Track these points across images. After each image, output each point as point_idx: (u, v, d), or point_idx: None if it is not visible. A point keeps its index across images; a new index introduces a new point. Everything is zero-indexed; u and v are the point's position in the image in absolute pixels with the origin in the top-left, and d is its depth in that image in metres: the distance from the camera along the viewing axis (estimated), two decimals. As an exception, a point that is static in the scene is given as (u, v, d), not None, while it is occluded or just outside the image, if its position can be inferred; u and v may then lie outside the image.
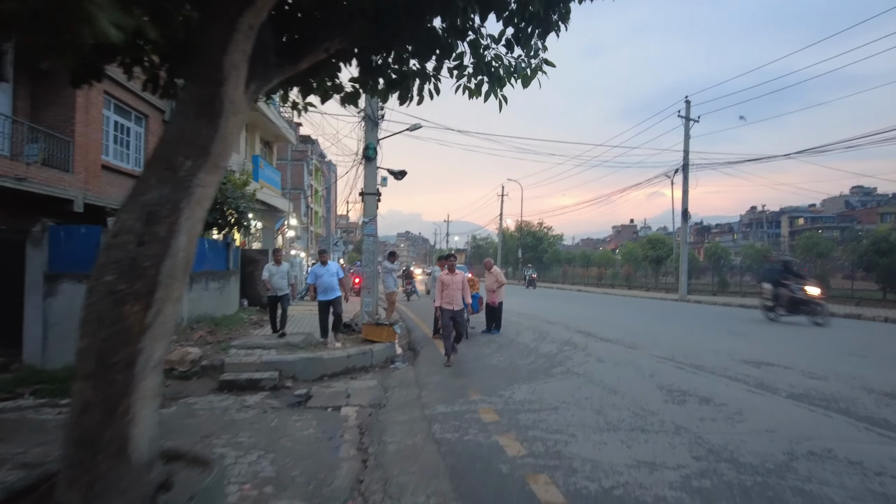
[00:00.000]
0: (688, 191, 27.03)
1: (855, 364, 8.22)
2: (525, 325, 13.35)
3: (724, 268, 30.77)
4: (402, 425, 5.65)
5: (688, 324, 14.33)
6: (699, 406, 5.65)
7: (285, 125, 21.74)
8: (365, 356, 9.25)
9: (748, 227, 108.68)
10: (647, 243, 39.25)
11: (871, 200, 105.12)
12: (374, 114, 13.92)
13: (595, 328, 12.64)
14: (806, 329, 13.37)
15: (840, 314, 17.83)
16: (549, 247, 59.81)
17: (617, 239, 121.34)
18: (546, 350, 9.53)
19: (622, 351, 9.36)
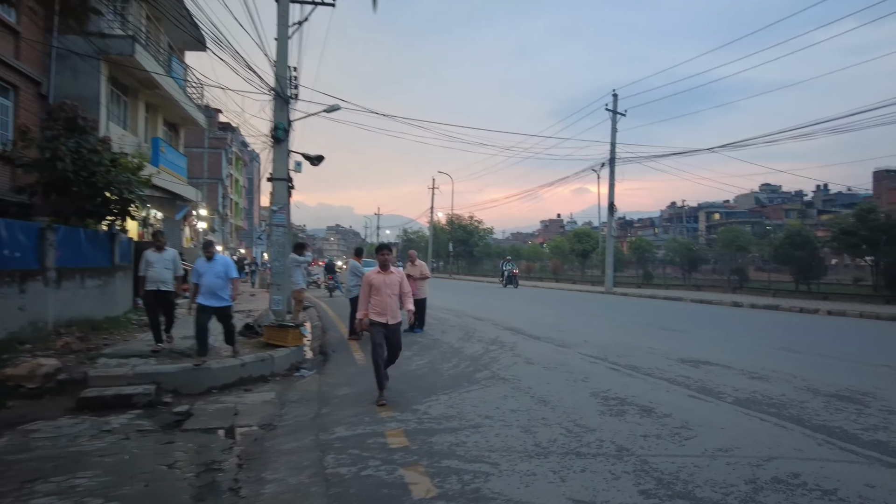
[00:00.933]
0: (614, 184, 27.15)
1: (790, 360, 7.85)
2: (452, 323, 12.47)
3: (648, 261, 31.31)
4: (291, 455, 4.59)
5: (617, 318, 13.94)
6: (640, 419, 4.90)
7: (193, 106, 19.78)
8: (264, 364, 8.05)
9: (668, 222, 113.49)
10: (573, 237, 39.59)
11: (777, 197, 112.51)
12: (283, 91, 12.58)
13: (524, 325, 11.94)
14: (735, 323, 13.26)
15: (760, 305, 18.17)
16: (479, 240, 59.61)
17: (545, 233, 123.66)
18: (472, 351, 8.66)
19: (552, 350, 8.63)
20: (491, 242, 65.67)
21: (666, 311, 16.32)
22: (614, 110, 27.64)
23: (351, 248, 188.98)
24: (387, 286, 5.85)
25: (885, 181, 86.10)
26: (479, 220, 62.23)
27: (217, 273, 7.70)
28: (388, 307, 5.83)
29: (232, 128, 60.69)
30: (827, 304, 17.75)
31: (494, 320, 12.78)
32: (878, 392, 5.84)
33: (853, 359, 8.14)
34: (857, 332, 12.03)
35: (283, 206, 12.66)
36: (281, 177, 12.64)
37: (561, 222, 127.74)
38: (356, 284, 10.48)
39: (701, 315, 15.22)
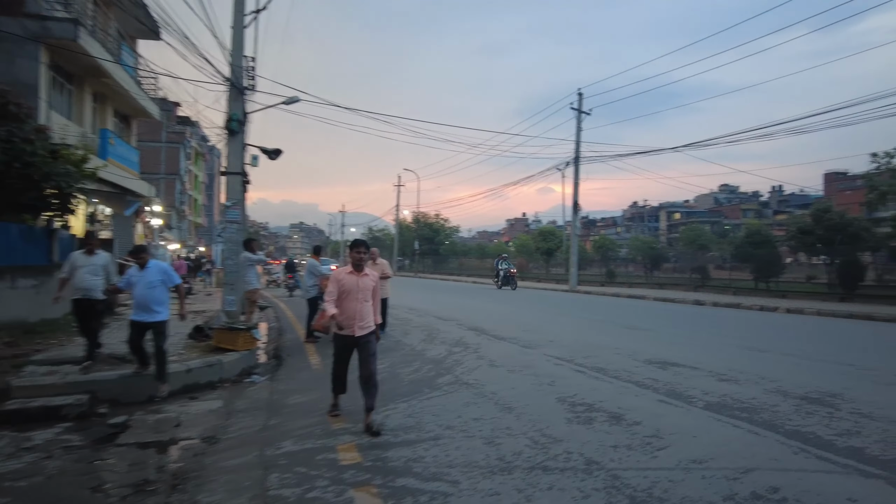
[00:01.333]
0: (578, 183, 27.20)
1: (757, 361, 7.76)
2: (415, 324, 12.09)
3: (611, 259, 31.56)
4: (231, 474, 4.16)
5: (582, 317, 13.81)
6: (610, 427, 4.64)
7: (146, 97, 18.84)
8: (212, 369, 7.52)
9: (630, 221, 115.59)
10: (538, 235, 39.69)
11: (735, 198, 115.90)
12: (238, 81, 11.98)
13: (489, 325, 11.66)
14: (699, 322, 13.27)
15: (722, 303, 18.36)
16: (445, 239, 59.33)
17: (510, 232, 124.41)
18: (434, 354, 8.31)
19: (517, 352, 8.36)
20: (457, 241, 65.50)
21: (630, 310, 16.30)
22: (579, 109, 27.68)
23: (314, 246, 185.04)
24: (360, 290, 4.89)
25: (835, 183, 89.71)
26: (445, 219, 61.97)
27: (150, 283, 6.41)
28: (357, 315, 4.86)
29: (191, 122, 58.81)
30: (785, 302, 18.05)
31: (458, 320, 12.47)
32: (846, 393, 5.73)
33: (817, 357, 8.11)
34: (817, 329, 12.16)
35: (237, 201, 12.07)
36: (235, 171, 12.04)
37: (526, 221, 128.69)
38: (314, 285, 10.02)
39: (664, 314, 15.23)
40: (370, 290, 4.99)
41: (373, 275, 5.09)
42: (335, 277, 5.02)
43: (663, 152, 23.83)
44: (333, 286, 4.94)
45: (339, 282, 4.90)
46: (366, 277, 4.97)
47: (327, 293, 4.97)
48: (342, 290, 4.88)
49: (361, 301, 4.89)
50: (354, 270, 4.94)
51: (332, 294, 4.90)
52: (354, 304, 4.86)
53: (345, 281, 4.90)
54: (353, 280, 4.90)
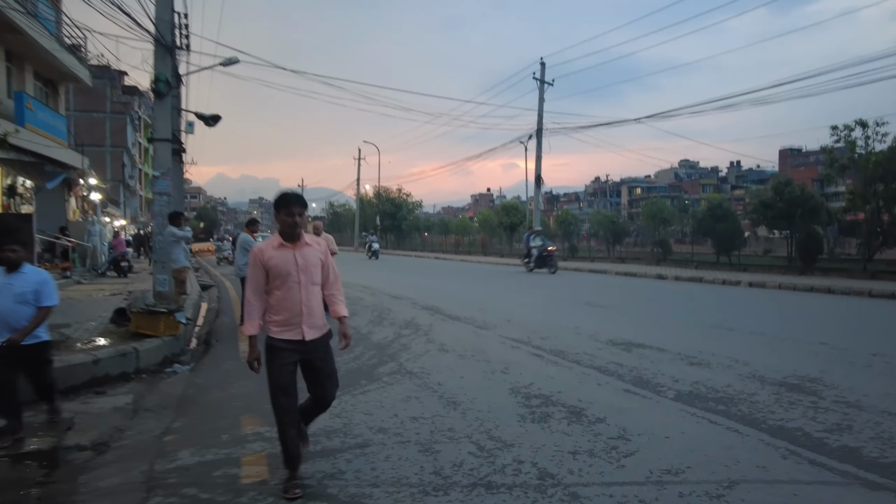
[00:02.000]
0: (541, 156, 26.58)
1: (725, 340, 7.26)
2: (366, 303, 11.29)
3: (572, 234, 31.23)
4: (106, 498, 3.34)
5: (542, 294, 13.24)
6: (569, 426, 3.97)
7: (70, 57, 17.17)
8: (126, 359, 6.58)
9: (593, 196, 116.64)
10: (501, 210, 39.11)
11: (694, 173, 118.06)
12: (165, 37, 10.75)
13: (444, 303, 10.95)
14: (662, 297, 12.86)
15: (684, 277, 18.12)
16: (408, 214, 58.16)
17: (475, 207, 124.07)
18: (381, 337, 7.54)
19: (471, 334, 7.66)
20: (420, 216, 64.46)
21: (591, 285, 15.85)
22: (541, 79, 26.92)
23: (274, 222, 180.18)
24: (301, 270, 3.17)
25: (789, 159, 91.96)
26: (407, 193, 60.72)
27: (19, 294, 4.23)
28: (302, 308, 3.16)
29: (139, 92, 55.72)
30: (747, 276, 17.92)
31: (413, 299, 11.72)
32: (826, 377, 5.22)
33: (787, 336, 7.67)
34: (780, 304, 11.88)
35: (166, 171, 10.92)
36: (163, 137, 10.87)
37: (491, 196, 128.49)
38: (246, 263, 9.09)
39: (626, 289, 14.82)
40: (318, 268, 3.26)
41: (319, 244, 3.35)
42: (256, 256, 3.18)
43: (626, 123, 23.49)
44: (255, 270, 3.18)
45: (265, 262, 3.14)
46: (308, 249, 3.22)
47: (248, 286, 3.29)
48: (272, 273, 3.14)
49: (305, 286, 3.17)
50: (286, 242, 3.18)
51: (256, 286, 3.19)
52: (296, 292, 3.14)
53: (273, 259, 3.13)
54: (286, 256, 3.15)
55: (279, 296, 3.14)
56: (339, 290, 3.50)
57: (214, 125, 14.00)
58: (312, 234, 9.82)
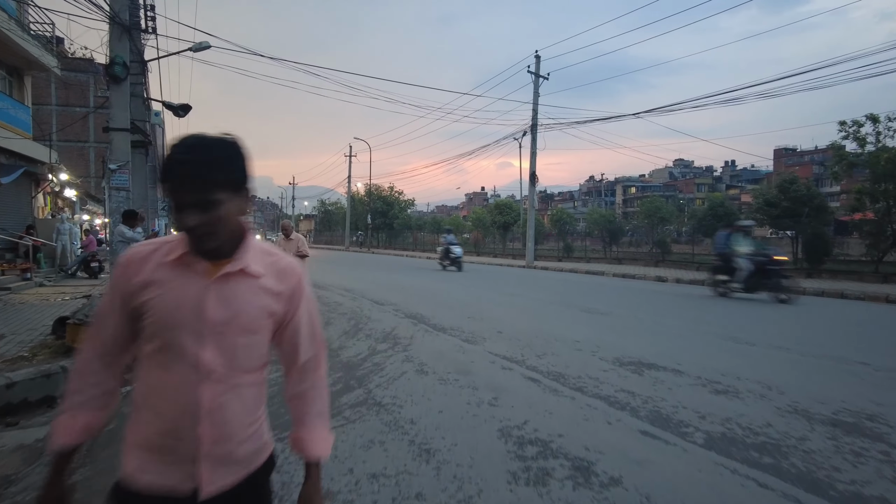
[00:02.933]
0: (536, 152, 25.62)
1: (748, 358, 6.32)
2: (344, 309, 10.30)
3: (568, 233, 30.30)
4: None
5: (537, 297, 12.28)
6: (574, 491, 3.01)
7: (33, 43, 16.05)
8: (50, 381, 5.57)
9: (587, 195, 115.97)
10: (495, 209, 38.13)
11: (689, 172, 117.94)
12: (121, 15, 9.73)
13: (430, 309, 9.98)
14: (666, 303, 11.93)
15: (686, 280, 17.23)
16: (400, 212, 57.08)
17: (469, 206, 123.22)
18: (352, 353, 6.56)
19: (456, 350, 6.68)
20: (413, 214, 63.36)
21: (589, 288, 14.92)
22: (536, 73, 25.96)
23: (268, 220, 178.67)
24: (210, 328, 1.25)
25: (783, 158, 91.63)
26: (399, 191, 59.63)
27: None
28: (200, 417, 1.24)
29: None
30: (750, 278, 17.07)
31: (396, 304, 10.73)
32: (887, 413, 4.28)
33: (816, 352, 6.72)
34: (795, 311, 10.97)
35: (124, 164, 9.91)
36: (120, 126, 9.86)
37: (485, 195, 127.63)
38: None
39: (626, 293, 13.90)
40: (259, 331, 1.33)
41: (283, 272, 1.36)
42: (120, 274, 1.30)
43: (624, 118, 22.45)
44: (109, 305, 1.33)
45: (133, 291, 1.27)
46: (245, 284, 1.29)
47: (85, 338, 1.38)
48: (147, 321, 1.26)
49: (216, 368, 1.26)
50: (193, 256, 1.26)
51: (101, 339, 1.34)
52: (187, 376, 1.24)
53: (155, 289, 1.26)
54: (184, 290, 1.25)
55: (151, 379, 1.29)
56: (319, 380, 1.51)
57: (184, 116, 13.01)
58: (284, 241, 8.85)
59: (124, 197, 9.98)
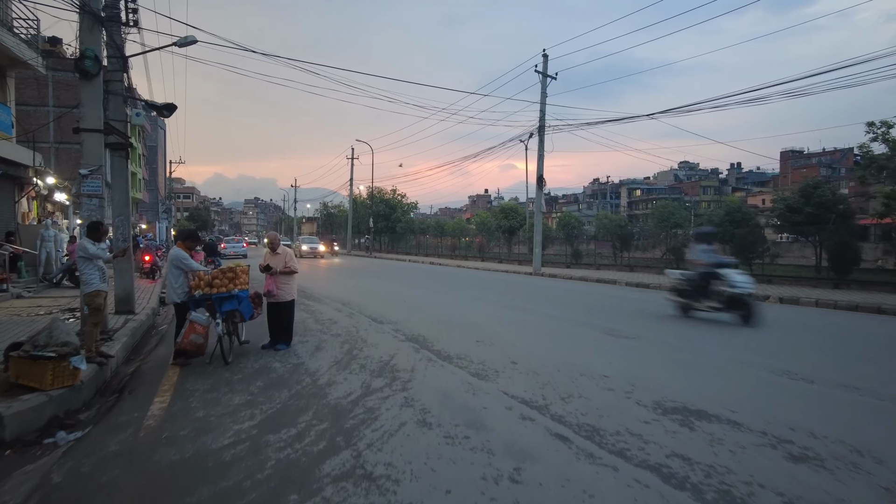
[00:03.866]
0: (543, 154, 24.62)
1: (814, 404, 5.30)
2: (339, 329, 9.33)
3: (575, 238, 29.24)
4: None
5: (548, 315, 11.28)
6: None
7: (18, 43, 15.17)
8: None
9: (592, 198, 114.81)
10: (499, 212, 37.13)
11: (694, 174, 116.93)
12: (93, 6, 8.80)
13: (433, 330, 9.01)
14: (690, 320, 10.92)
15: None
16: (402, 215, 56.12)
17: (472, 208, 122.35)
18: (343, 392, 5.59)
19: (464, 389, 5.69)
20: (415, 217, 62.40)
21: (604, 301, 13.92)
22: (544, 72, 24.98)
23: (271, 222, 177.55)
24: None
25: (790, 160, 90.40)
26: (402, 194, 58.64)
27: None
28: None
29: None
30: (773, 289, 16.04)
31: (397, 324, 9.75)
32: None
33: (888, 393, 5.72)
34: (838, 332, 9.93)
35: (96, 168, 8.97)
36: (92, 127, 8.92)
37: (488, 198, 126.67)
38: (183, 285, 7.15)
39: (646, 308, 12.90)
40: None
41: None
42: None
43: (638, 119, 21.44)
44: None
45: None
46: None
47: None
48: None
49: None
50: None
51: None
52: None
53: None
54: None
55: None
56: None
57: (169, 115, 12.07)
58: (270, 255, 7.88)
59: (97, 205, 9.04)
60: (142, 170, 69.47)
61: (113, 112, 11.06)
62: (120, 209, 11.34)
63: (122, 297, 10.94)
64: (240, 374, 6.40)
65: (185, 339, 6.75)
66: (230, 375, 6.38)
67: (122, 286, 10.95)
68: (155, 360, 7.50)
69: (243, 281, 7.14)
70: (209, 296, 6.80)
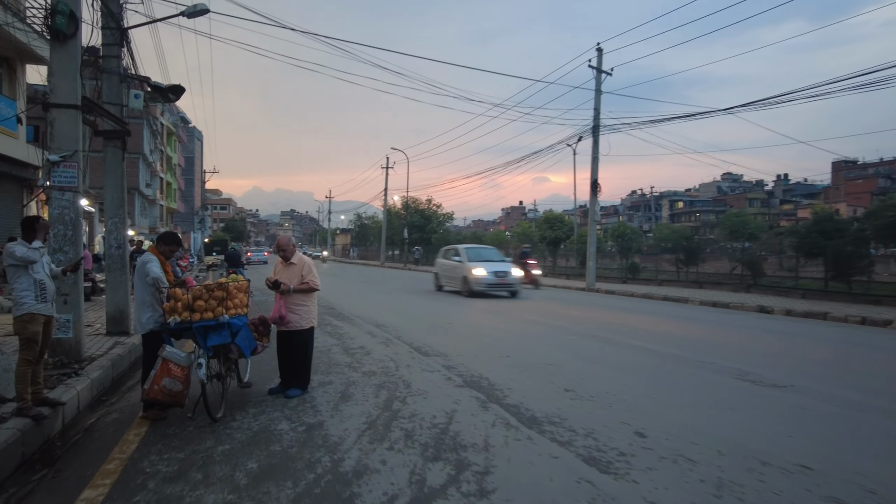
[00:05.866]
0: (598, 157, 22.23)
1: None
2: (372, 363, 7.18)
3: (629, 251, 26.52)
4: None
5: (646, 348, 8.90)
6: None
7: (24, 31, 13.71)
8: None
9: (632, 210, 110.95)
10: (543, 223, 34.65)
11: (738, 186, 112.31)
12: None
13: (499, 369, 6.77)
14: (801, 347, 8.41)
15: (798, 312, 13.52)
16: (438, 227, 54.00)
17: (506, 221, 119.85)
18: (382, 490, 3.39)
19: (585, 497, 3.43)
20: (451, 229, 60.16)
21: (692, 326, 11.44)
22: (598, 68, 22.65)
23: (306, 234, 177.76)
24: None
25: (842, 171, 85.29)
26: (437, 204, 56.61)
27: None
28: None
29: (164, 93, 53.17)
30: (885, 311, 13.23)
31: (449, 357, 7.52)
32: None
33: None
34: None
35: (70, 154, 7.07)
36: (66, 101, 7.03)
37: (523, 209, 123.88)
38: (151, 314, 5.08)
39: (747, 334, 10.40)
40: None
41: None
42: None
43: (714, 114, 18.83)
44: None
45: None
46: None
47: None
48: None
49: None
50: None
51: None
52: None
53: None
54: None
55: None
56: None
57: (176, 99, 10.24)
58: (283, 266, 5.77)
59: (70, 201, 7.15)
60: (177, 180, 69.50)
61: (107, 94, 9.27)
62: (113, 210, 9.51)
63: (114, 316, 9.06)
64: (228, 443, 4.28)
65: (156, 386, 4.66)
66: (213, 444, 4.26)
67: (115, 303, 9.08)
68: (124, 407, 5.47)
69: (240, 302, 5.03)
70: (188, 323, 4.70)
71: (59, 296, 6.98)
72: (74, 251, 7.12)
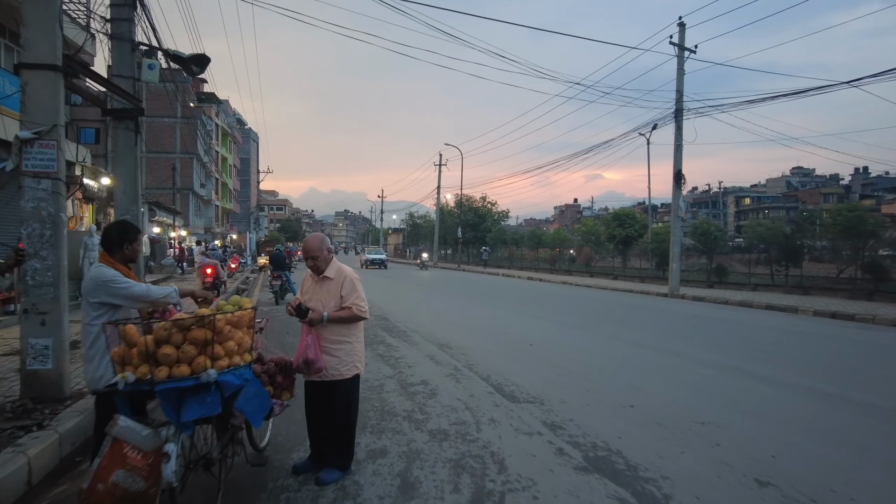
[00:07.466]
0: (682, 144, 19.56)
1: None
2: (442, 413, 5.17)
3: (715, 251, 23.53)
4: None
5: (792, 382, 6.57)
6: None
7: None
8: None
9: (694, 207, 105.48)
10: (612, 220, 31.90)
11: (809, 182, 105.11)
12: None
13: (628, 428, 4.66)
14: None
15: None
16: (493, 225, 51.73)
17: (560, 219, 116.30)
18: None
19: None
20: (505, 228, 57.78)
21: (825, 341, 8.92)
22: (681, 44, 19.98)
23: (360, 233, 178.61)
24: None
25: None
26: (492, 202, 54.37)
27: None
28: None
29: (216, 99, 53.39)
30: None
31: (542, 402, 5.45)
32: None
33: None
34: None
35: (49, 129, 5.41)
36: (41, 61, 5.37)
37: (578, 207, 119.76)
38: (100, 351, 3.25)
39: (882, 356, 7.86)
40: None
41: None
42: None
43: (831, 89, 15.88)
44: None
45: None
46: None
47: None
48: None
49: None
50: None
51: None
52: None
53: None
54: None
55: None
56: None
57: (201, 71, 8.50)
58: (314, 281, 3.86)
59: (48, 191, 5.51)
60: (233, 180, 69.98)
61: (117, 65, 7.65)
62: (126, 205, 7.86)
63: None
64: None
65: (100, 484, 2.79)
66: None
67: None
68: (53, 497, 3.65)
69: (237, 344, 3.10)
70: (148, 384, 2.80)
71: (36, 314, 5.36)
72: (55, 256, 5.46)
